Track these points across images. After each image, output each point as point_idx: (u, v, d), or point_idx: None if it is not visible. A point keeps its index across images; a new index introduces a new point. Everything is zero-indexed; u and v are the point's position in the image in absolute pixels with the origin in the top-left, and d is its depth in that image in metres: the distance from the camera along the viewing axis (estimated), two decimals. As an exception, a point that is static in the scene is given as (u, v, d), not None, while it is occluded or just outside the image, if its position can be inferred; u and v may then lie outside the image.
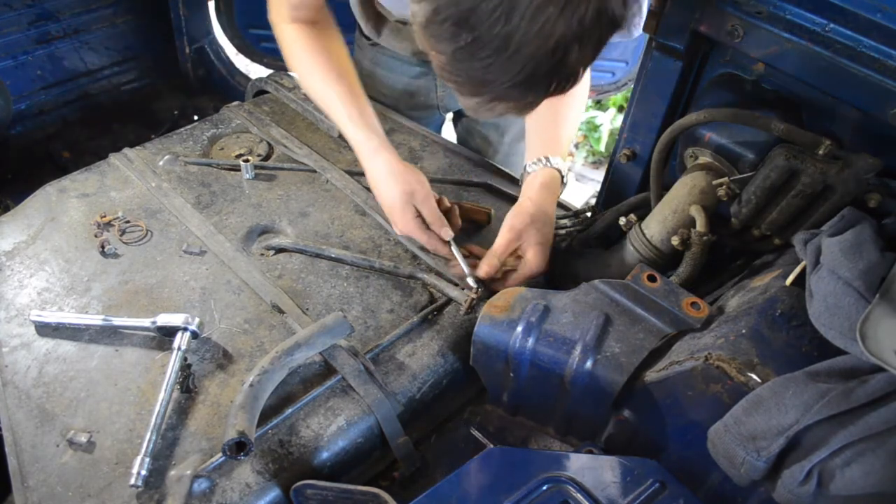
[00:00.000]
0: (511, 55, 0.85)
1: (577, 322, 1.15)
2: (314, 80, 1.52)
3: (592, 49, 0.90)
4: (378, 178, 1.44)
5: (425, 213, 1.41)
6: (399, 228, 1.44)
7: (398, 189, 1.40)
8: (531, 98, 0.95)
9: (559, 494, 1.00)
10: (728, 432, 0.93)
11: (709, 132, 1.29)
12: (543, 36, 0.83)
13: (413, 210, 1.40)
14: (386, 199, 1.43)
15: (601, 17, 0.85)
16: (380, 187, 1.44)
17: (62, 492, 1.04)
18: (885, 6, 1.03)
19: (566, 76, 0.92)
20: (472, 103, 0.96)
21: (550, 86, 0.93)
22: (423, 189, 1.41)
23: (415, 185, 1.41)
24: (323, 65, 1.50)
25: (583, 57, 0.89)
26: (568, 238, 1.55)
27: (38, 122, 2.50)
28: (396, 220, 1.43)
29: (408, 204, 1.40)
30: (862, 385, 0.87)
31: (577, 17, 0.82)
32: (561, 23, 0.82)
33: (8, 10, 2.25)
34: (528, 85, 0.90)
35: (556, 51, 0.85)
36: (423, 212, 1.41)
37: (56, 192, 1.55)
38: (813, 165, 1.12)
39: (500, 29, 0.82)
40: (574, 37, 0.84)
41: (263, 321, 1.31)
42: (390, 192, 1.41)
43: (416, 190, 1.41)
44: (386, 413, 1.19)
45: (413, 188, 1.40)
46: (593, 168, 4.14)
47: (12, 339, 1.25)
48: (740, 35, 1.19)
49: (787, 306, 1.04)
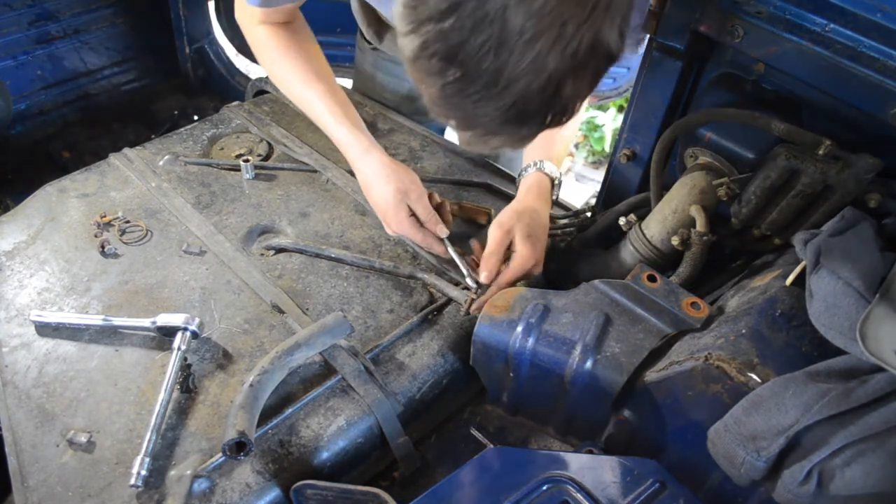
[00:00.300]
0: (501, 91, 0.82)
1: (577, 322, 1.15)
2: (293, 81, 1.49)
3: (588, 83, 0.87)
4: (370, 178, 1.42)
5: (419, 212, 1.40)
6: (393, 228, 1.42)
7: (391, 188, 1.38)
8: (525, 132, 0.92)
9: (559, 494, 1.00)
10: (728, 432, 0.93)
11: (709, 132, 1.29)
12: (534, 71, 0.79)
13: (407, 209, 1.39)
14: (379, 198, 1.41)
15: (596, 51, 0.81)
16: (372, 187, 1.42)
17: (62, 492, 1.04)
18: (885, 6, 1.03)
19: (561, 110, 0.89)
20: (466, 137, 0.94)
21: (545, 120, 0.89)
22: (417, 188, 1.40)
23: (408, 184, 1.39)
24: (301, 66, 1.47)
25: (578, 91, 0.86)
26: (568, 238, 1.55)
27: (38, 122, 2.50)
28: (390, 220, 1.41)
29: (402, 203, 1.38)
30: (862, 385, 0.87)
31: (570, 51, 0.79)
32: (552, 57, 0.79)
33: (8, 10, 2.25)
34: (520, 120, 0.87)
35: (547, 86, 0.82)
36: (418, 210, 1.39)
37: (56, 192, 1.55)
38: (813, 165, 1.12)
39: (489, 64, 0.79)
40: (567, 71, 0.81)
41: (263, 321, 1.31)
42: (383, 192, 1.39)
43: (410, 189, 1.39)
44: (386, 413, 1.19)
45: (407, 187, 1.39)
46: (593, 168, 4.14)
47: (12, 339, 1.25)
48: (740, 35, 1.19)
49: (787, 306, 1.04)
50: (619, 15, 0.81)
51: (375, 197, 1.42)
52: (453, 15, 0.77)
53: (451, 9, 0.76)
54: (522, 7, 0.75)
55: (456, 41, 0.78)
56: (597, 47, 0.81)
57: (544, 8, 0.75)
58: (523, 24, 0.76)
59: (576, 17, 0.77)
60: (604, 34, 0.80)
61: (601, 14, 0.78)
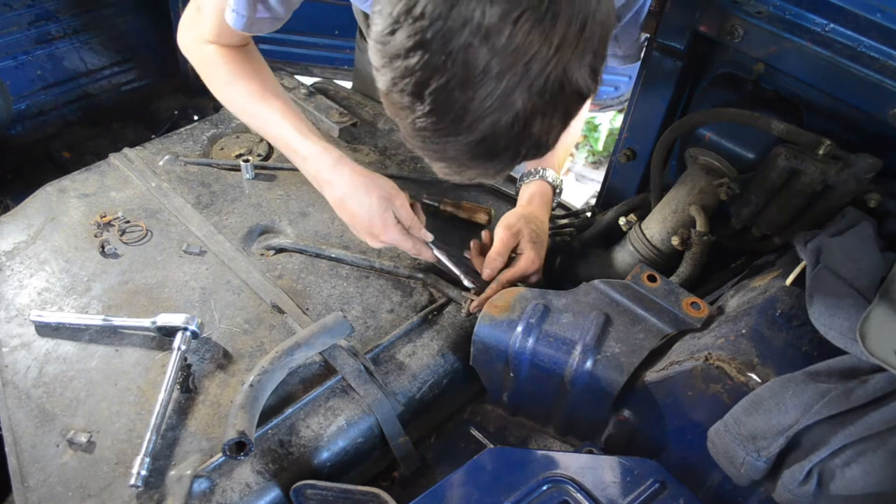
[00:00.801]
0: (469, 127, 0.81)
1: (577, 322, 1.15)
2: (249, 99, 1.40)
3: (560, 119, 0.85)
4: (346, 189, 1.32)
5: (403, 217, 1.33)
6: (382, 238, 1.32)
7: (374, 196, 1.30)
8: (498, 166, 0.91)
9: (559, 494, 1.00)
10: (728, 432, 0.93)
11: (709, 132, 1.29)
12: (501, 108, 0.79)
13: (394, 216, 1.32)
14: (361, 209, 1.31)
15: (564, 90, 0.80)
16: (351, 199, 1.32)
17: (62, 492, 1.04)
18: (885, 6, 1.03)
19: (533, 146, 0.87)
20: (440, 168, 0.93)
21: (517, 156, 0.88)
22: (399, 193, 1.34)
23: (390, 190, 1.32)
24: (258, 84, 1.40)
25: (549, 128, 0.85)
26: (568, 238, 1.55)
27: (38, 122, 2.50)
28: (378, 231, 1.31)
29: (388, 210, 1.31)
30: (862, 385, 0.87)
31: (536, 89, 0.78)
32: (519, 95, 0.78)
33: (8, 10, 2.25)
34: (490, 156, 0.86)
35: (515, 123, 0.81)
36: (402, 216, 1.33)
37: (56, 192, 1.55)
38: (813, 165, 1.12)
39: (455, 101, 0.79)
40: (535, 109, 0.80)
41: (263, 321, 1.31)
42: (366, 202, 1.30)
43: (393, 195, 1.32)
44: (386, 413, 1.19)
45: (389, 192, 1.32)
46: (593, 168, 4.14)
47: (12, 339, 1.25)
48: (740, 35, 1.19)
49: (787, 306, 1.04)
50: (588, 53, 0.80)
51: (356, 208, 1.31)
52: (419, 52, 0.77)
53: (417, 46, 0.77)
54: (486, 45, 0.75)
55: (423, 78, 0.78)
56: (565, 86, 0.80)
57: (508, 46, 0.75)
58: (487, 62, 0.76)
59: (541, 55, 0.76)
60: (572, 73, 0.79)
61: (568, 52, 0.77)
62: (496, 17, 0.73)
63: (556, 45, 0.76)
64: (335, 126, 1.76)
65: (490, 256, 1.33)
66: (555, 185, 1.48)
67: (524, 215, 1.38)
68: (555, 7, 0.74)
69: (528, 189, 1.47)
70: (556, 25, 0.75)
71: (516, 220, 1.36)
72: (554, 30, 0.75)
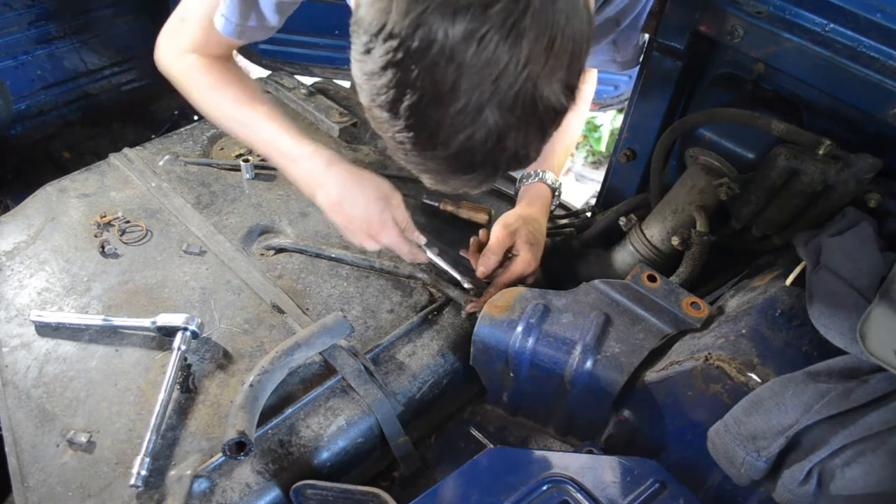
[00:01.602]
0: (443, 142, 0.82)
1: (577, 322, 1.15)
2: (234, 104, 1.36)
3: (537, 135, 0.85)
4: (341, 190, 1.27)
5: (399, 218, 1.29)
6: (381, 240, 1.28)
7: (372, 196, 1.26)
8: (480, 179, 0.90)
9: (559, 494, 1.00)
10: (728, 432, 0.93)
11: (709, 132, 1.29)
12: (472, 124, 0.80)
13: (392, 217, 1.28)
14: (358, 210, 1.26)
15: (536, 106, 0.81)
16: (347, 200, 1.27)
17: (62, 492, 1.04)
18: (885, 6, 1.03)
19: (511, 160, 0.87)
20: (425, 179, 0.94)
21: (497, 169, 0.89)
22: (395, 192, 1.30)
23: (386, 190, 1.28)
24: (242, 90, 1.37)
25: (526, 142, 0.85)
26: (568, 238, 1.55)
27: (38, 122, 2.50)
28: (376, 231, 1.27)
29: (385, 211, 1.27)
30: (862, 385, 0.87)
31: (507, 105, 0.79)
32: (490, 112, 0.79)
33: (8, 10, 2.25)
34: (469, 169, 0.87)
35: (488, 139, 0.82)
36: (397, 217, 1.29)
37: (56, 192, 1.55)
38: (813, 165, 1.12)
39: (429, 117, 0.80)
40: (507, 126, 0.81)
41: (263, 321, 1.31)
42: (363, 202, 1.26)
43: (389, 194, 1.28)
44: (386, 413, 1.19)
45: (385, 192, 1.28)
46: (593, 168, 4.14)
47: (12, 339, 1.25)
48: (740, 35, 1.19)
49: (787, 306, 1.04)
50: (560, 69, 0.79)
51: (352, 209, 1.27)
52: (391, 70, 0.78)
53: (389, 64, 0.78)
54: (452, 64, 0.75)
55: (396, 95, 0.80)
56: (538, 102, 0.80)
57: (475, 64, 0.75)
58: (455, 80, 0.76)
59: (508, 72, 0.76)
60: (542, 88, 0.79)
61: (537, 68, 0.77)
62: (459, 37, 0.74)
63: (524, 62, 0.76)
64: (335, 126, 1.76)
65: (485, 254, 1.33)
66: (554, 187, 1.48)
67: (522, 216, 1.38)
68: (520, 25, 0.74)
69: (527, 191, 1.47)
70: (521, 42, 0.75)
71: (514, 220, 1.36)
72: (520, 47, 0.75)
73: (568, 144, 1.57)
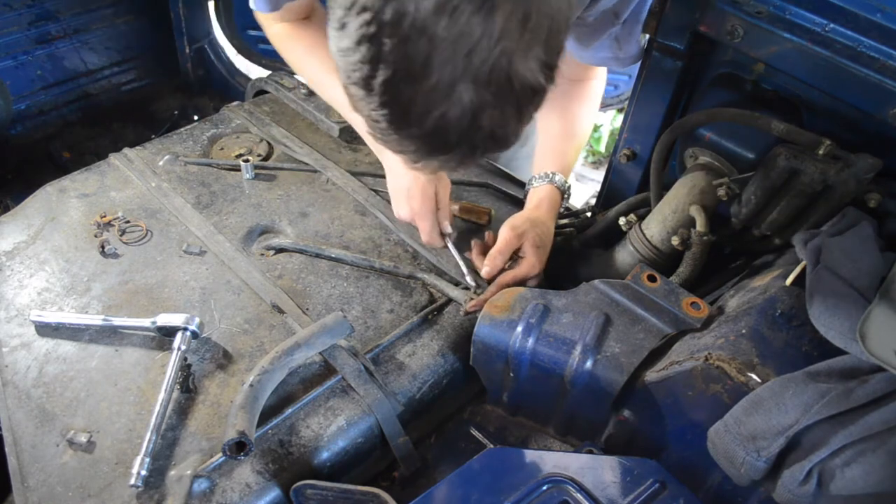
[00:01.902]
0: (418, 120, 0.81)
1: (577, 322, 1.15)
2: (316, 73, 1.50)
3: (514, 114, 0.84)
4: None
5: (440, 197, 1.40)
6: (413, 205, 1.39)
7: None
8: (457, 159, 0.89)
9: (559, 494, 1.00)
10: (728, 432, 0.93)
11: (709, 132, 1.29)
12: (447, 101, 0.78)
13: (433, 191, 1.38)
14: (414, 174, 1.37)
15: (512, 83, 0.79)
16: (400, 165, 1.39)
17: (62, 492, 1.04)
18: (885, 6, 1.03)
19: (488, 140, 0.86)
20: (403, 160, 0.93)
21: (474, 149, 0.87)
22: (447, 179, 1.42)
23: (442, 173, 1.40)
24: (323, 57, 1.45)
25: (502, 122, 0.83)
26: (568, 238, 1.55)
27: (38, 122, 2.50)
28: (415, 195, 1.38)
29: (432, 184, 1.38)
30: (862, 385, 0.87)
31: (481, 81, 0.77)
32: (464, 88, 0.78)
33: (8, 10, 2.25)
34: (444, 149, 0.86)
35: (462, 117, 0.80)
36: (440, 195, 1.40)
37: (56, 192, 1.55)
38: (813, 165, 1.12)
39: (402, 94, 0.79)
40: (482, 103, 0.79)
41: (263, 321, 1.31)
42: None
43: (442, 176, 1.40)
44: (386, 413, 1.19)
45: (441, 173, 1.40)
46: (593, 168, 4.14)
47: (12, 339, 1.25)
48: (740, 35, 1.19)
49: (787, 306, 1.04)
50: (536, 45, 0.78)
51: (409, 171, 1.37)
52: (364, 46, 0.77)
53: (362, 39, 0.77)
54: (423, 38, 0.74)
55: (370, 71, 0.79)
56: (513, 79, 0.79)
57: (446, 38, 0.74)
58: (427, 54, 0.75)
59: (482, 46, 0.75)
60: (517, 65, 0.78)
61: (511, 43, 0.76)
62: (431, 9, 0.73)
63: (497, 36, 0.75)
64: (335, 126, 1.76)
65: (491, 254, 1.34)
66: (563, 189, 1.48)
67: (530, 219, 1.39)
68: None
69: (536, 193, 1.48)
70: (494, 16, 0.73)
71: (522, 223, 1.37)
72: (493, 19, 0.73)
73: (578, 144, 1.56)
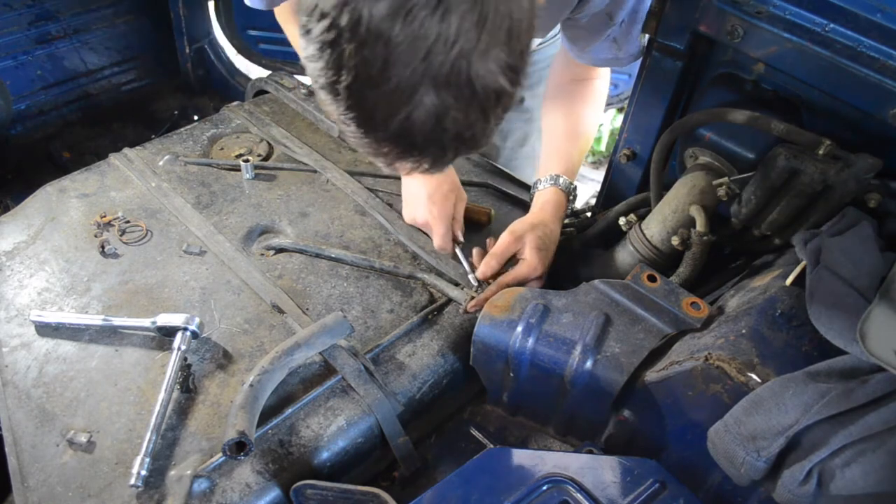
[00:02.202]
0: (383, 122, 0.81)
1: (577, 322, 1.15)
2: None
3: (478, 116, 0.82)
4: None
5: (457, 209, 1.45)
6: (433, 211, 1.42)
7: (451, 178, 1.44)
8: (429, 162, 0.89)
9: (559, 494, 1.00)
10: (728, 432, 0.93)
11: (709, 132, 1.29)
12: (409, 104, 0.78)
13: (454, 200, 1.44)
14: (434, 180, 1.43)
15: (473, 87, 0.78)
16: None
17: (62, 492, 1.04)
18: (885, 6, 1.03)
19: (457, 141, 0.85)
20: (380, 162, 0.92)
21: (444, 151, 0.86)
22: (463, 193, 1.49)
23: (458, 187, 1.47)
24: None
25: (468, 124, 0.82)
26: (568, 238, 1.55)
27: (38, 122, 2.50)
28: (437, 201, 1.42)
29: (452, 192, 1.44)
30: (862, 385, 0.87)
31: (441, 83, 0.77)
32: (424, 91, 0.77)
33: (8, 10, 2.25)
34: (413, 151, 0.85)
35: (426, 120, 0.80)
36: (457, 207, 1.45)
37: (56, 192, 1.55)
38: (813, 165, 1.12)
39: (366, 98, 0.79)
40: (445, 106, 0.79)
41: (263, 321, 1.31)
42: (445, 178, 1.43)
43: (459, 191, 1.47)
44: (386, 413, 1.19)
45: (458, 186, 1.47)
46: (593, 168, 4.14)
47: (12, 339, 1.25)
48: (740, 35, 1.19)
49: (787, 306, 1.04)
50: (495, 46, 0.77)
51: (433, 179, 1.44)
52: (326, 52, 0.77)
53: (324, 45, 0.77)
54: (379, 42, 0.74)
55: (333, 77, 0.79)
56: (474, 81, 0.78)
57: (401, 42, 0.74)
58: (385, 58, 0.75)
59: (438, 48, 0.74)
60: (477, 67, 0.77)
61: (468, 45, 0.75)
62: (385, 12, 0.72)
63: (453, 38, 0.74)
64: (335, 126, 1.76)
65: (489, 255, 1.34)
66: (568, 191, 1.49)
67: (532, 223, 1.40)
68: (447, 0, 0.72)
69: (541, 196, 1.48)
70: (449, 17, 0.73)
71: (521, 227, 1.38)
72: (448, 21, 0.73)
73: (583, 145, 1.57)
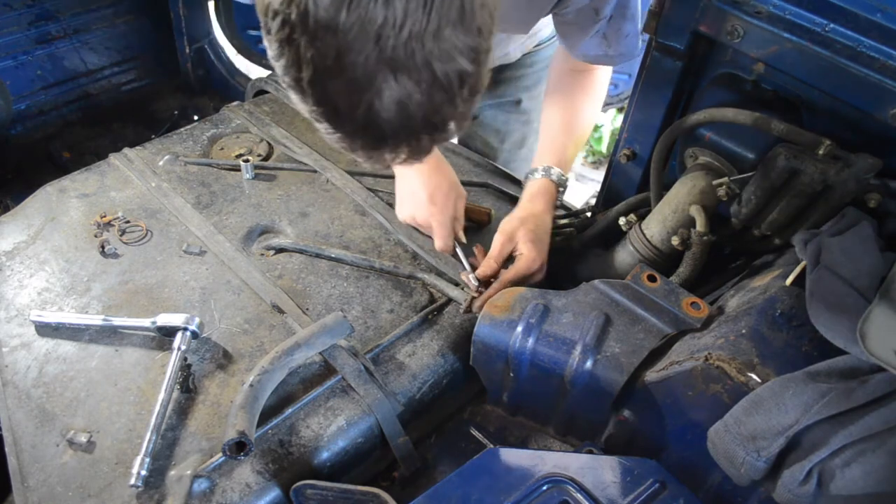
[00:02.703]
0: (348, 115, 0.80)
1: (577, 322, 1.15)
2: None
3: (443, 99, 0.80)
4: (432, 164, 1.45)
5: (458, 209, 1.46)
6: (434, 212, 1.43)
7: (452, 180, 1.46)
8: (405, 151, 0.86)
9: (559, 494, 1.00)
10: (728, 432, 0.93)
11: (709, 132, 1.29)
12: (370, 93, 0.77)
13: (455, 200, 1.45)
14: (435, 182, 1.44)
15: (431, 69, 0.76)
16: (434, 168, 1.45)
17: (62, 492, 1.04)
18: (886, 6, 1.03)
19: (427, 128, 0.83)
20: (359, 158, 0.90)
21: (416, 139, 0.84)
22: (463, 193, 1.49)
23: (458, 187, 1.48)
24: None
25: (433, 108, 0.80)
26: (568, 238, 1.55)
27: (38, 122, 2.50)
28: (438, 202, 1.43)
29: (452, 190, 1.45)
30: (862, 385, 0.87)
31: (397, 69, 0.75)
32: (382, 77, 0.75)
33: (8, 10, 2.25)
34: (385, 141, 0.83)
35: (389, 108, 0.78)
36: (458, 207, 1.46)
37: (56, 192, 1.55)
38: (813, 165, 1.12)
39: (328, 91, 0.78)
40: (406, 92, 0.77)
41: (263, 321, 1.31)
42: (444, 178, 1.44)
43: (460, 191, 1.48)
44: (386, 413, 1.19)
45: (458, 186, 1.48)
46: (593, 168, 4.14)
47: (12, 339, 1.25)
48: (740, 35, 1.19)
49: (787, 306, 1.04)
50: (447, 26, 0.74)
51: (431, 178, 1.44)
52: (285, 48, 0.77)
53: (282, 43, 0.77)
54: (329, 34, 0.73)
55: (295, 73, 0.78)
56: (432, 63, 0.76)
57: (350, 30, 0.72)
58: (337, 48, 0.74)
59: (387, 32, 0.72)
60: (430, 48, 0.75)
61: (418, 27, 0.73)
62: (328, 4, 0.72)
63: (401, 21, 0.72)
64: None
65: (487, 258, 1.35)
66: (559, 182, 1.48)
67: (521, 217, 1.39)
68: None
69: (531, 187, 1.48)
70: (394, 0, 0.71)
71: (511, 225, 1.38)
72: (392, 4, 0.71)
73: (578, 138, 1.56)
